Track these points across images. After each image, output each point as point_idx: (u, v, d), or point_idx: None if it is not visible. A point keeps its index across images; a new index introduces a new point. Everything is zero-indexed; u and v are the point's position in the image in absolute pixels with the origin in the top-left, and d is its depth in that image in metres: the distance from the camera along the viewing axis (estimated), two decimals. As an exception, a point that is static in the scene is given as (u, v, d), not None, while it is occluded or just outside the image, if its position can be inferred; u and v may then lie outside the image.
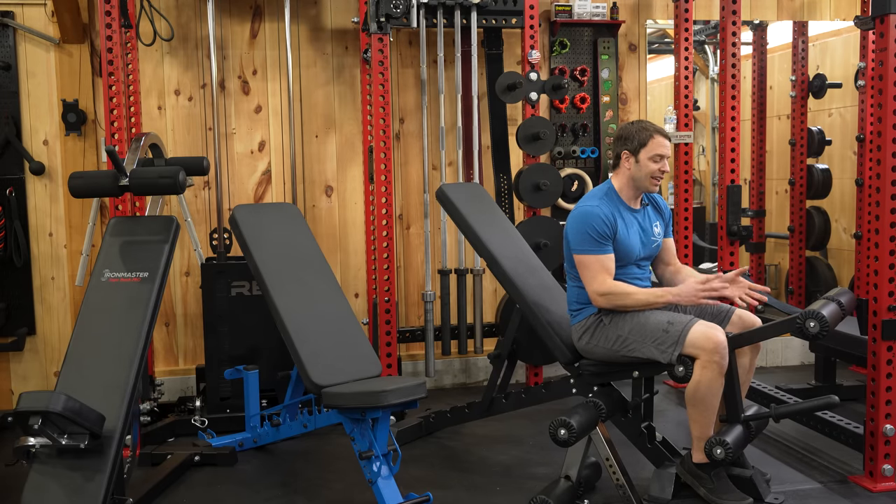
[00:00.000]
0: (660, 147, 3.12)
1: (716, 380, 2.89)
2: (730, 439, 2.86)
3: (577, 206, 3.19)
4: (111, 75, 3.75)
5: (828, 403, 2.94)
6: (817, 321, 2.78)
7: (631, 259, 3.15)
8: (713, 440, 2.88)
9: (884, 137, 3.06)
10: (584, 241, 3.06)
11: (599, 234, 3.04)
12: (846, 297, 2.94)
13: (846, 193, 5.43)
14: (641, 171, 3.14)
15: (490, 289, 4.81)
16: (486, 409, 3.69)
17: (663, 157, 3.14)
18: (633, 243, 3.14)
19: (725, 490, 2.93)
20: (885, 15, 3.01)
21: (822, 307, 2.82)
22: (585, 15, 4.73)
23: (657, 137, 3.13)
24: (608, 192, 3.18)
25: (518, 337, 3.67)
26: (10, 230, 4.27)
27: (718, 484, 2.94)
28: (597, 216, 3.06)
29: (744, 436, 2.96)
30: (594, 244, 3.05)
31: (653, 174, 3.13)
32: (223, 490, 3.37)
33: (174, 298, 4.54)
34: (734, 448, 2.86)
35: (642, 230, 3.19)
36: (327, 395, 3.00)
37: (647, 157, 3.12)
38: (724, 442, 2.85)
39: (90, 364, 2.71)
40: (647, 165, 3.12)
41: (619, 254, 3.12)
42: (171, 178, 3.03)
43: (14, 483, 2.74)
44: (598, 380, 3.16)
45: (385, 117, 4.03)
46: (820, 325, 2.78)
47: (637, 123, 3.20)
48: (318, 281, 3.48)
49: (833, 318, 2.81)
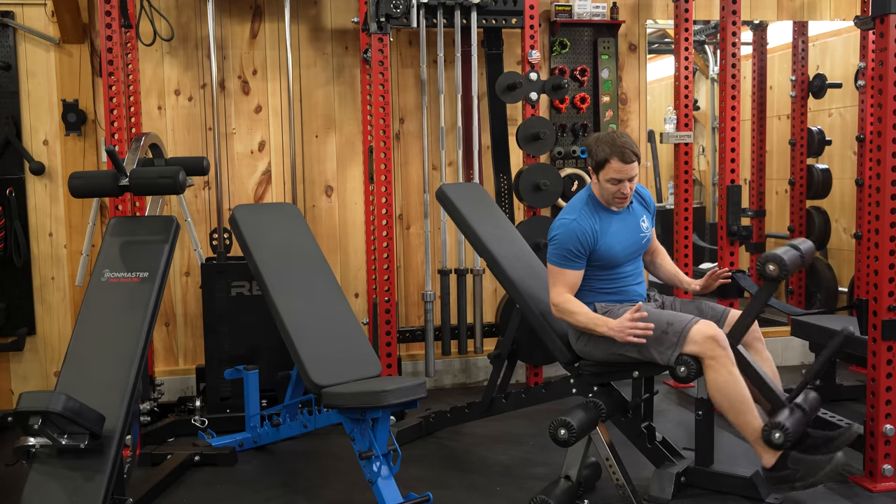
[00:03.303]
0: (616, 172, 3.02)
1: (730, 373, 2.87)
2: (782, 420, 2.83)
3: (560, 216, 3.17)
4: (111, 75, 3.75)
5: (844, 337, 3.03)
6: (776, 263, 2.88)
7: (618, 262, 3.16)
8: (767, 427, 2.84)
9: (884, 137, 3.05)
10: (556, 253, 3.10)
11: (572, 252, 3.07)
12: (805, 245, 3.04)
13: (846, 193, 5.43)
14: (602, 190, 3.10)
15: (490, 289, 4.81)
16: (486, 409, 3.69)
17: (621, 180, 3.04)
18: (617, 247, 3.14)
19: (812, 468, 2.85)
20: (885, 15, 3.01)
21: (782, 252, 2.92)
22: (585, 15, 4.73)
23: (613, 161, 3.00)
24: (588, 200, 3.16)
25: (518, 337, 3.67)
26: (10, 230, 4.27)
27: (803, 468, 2.86)
28: (573, 235, 3.06)
29: (798, 416, 2.91)
30: (564, 259, 3.08)
31: (614, 194, 3.07)
32: (223, 490, 3.37)
33: (174, 298, 4.54)
34: (792, 428, 2.81)
35: (627, 229, 3.18)
36: (327, 395, 3.00)
37: (604, 179, 3.06)
38: (777, 424, 2.82)
39: (90, 364, 2.71)
40: (605, 186, 3.07)
41: (605, 261, 3.13)
42: (171, 178, 3.03)
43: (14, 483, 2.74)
44: (598, 380, 3.17)
45: (385, 117, 4.03)
46: (779, 267, 2.88)
47: (601, 138, 3.06)
48: (318, 281, 3.48)
49: (792, 262, 2.90)
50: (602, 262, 3.13)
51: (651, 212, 3.33)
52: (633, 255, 3.23)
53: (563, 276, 3.10)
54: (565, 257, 3.08)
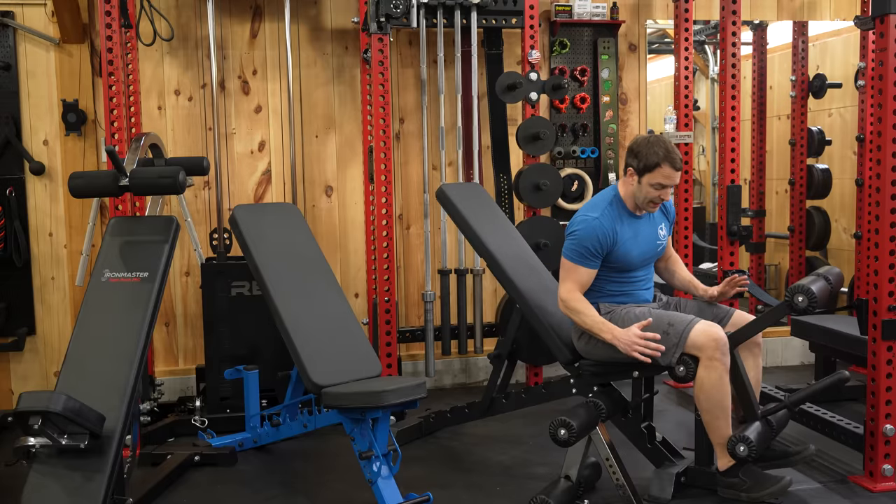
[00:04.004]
0: (665, 178, 3.03)
1: (721, 378, 2.88)
2: (750, 434, 2.84)
3: (583, 211, 3.15)
4: (111, 75, 3.75)
5: (839, 380, 2.95)
6: (805, 295, 2.82)
7: (632, 266, 3.15)
8: (734, 438, 2.85)
9: (884, 137, 3.05)
10: (573, 249, 3.08)
11: (589, 250, 3.05)
12: (833, 274, 2.98)
13: (846, 193, 5.43)
14: (641, 192, 3.09)
15: (490, 289, 4.81)
16: (486, 409, 3.69)
17: (665, 186, 3.05)
18: (633, 252, 3.12)
19: (762, 483, 2.89)
20: (885, 15, 3.01)
21: (810, 283, 2.86)
22: (585, 15, 4.73)
23: (665, 167, 3.02)
24: (613, 201, 3.14)
25: (518, 337, 3.67)
26: (10, 230, 4.27)
27: (752, 481, 2.91)
28: (594, 233, 3.04)
29: (765, 431, 2.93)
30: (580, 256, 3.06)
31: (652, 199, 3.08)
32: (223, 490, 3.37)
33: (174, 298, 4.53)
34: (757, 443, 2.83)
35: (646, 236, 3.17)
36: (327, 396, 3.00)
37: (648, 183, 3.05)
38: (745, 438, 2.83)
39: (90, 364, 2.70)
40: (647, 190, 3.06)
41: (620, 263, 3.11)
42: (171, 178, 3.03)
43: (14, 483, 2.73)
44: (598, 380, 3.17)
45: (385, 117, 4.03)
46: (808, 298, 2.82)
47: (653, 141, 3.07)
48: (318, 281, 3.48)
49: (821, 293, 2.84)
50: (616, 266, 3.12)
51: (670, 220, 3.31)
52: (648, 261, 3.22)
53: (577, 273, 3.08)
54: (582, 254, 3.05)
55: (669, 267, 3.43)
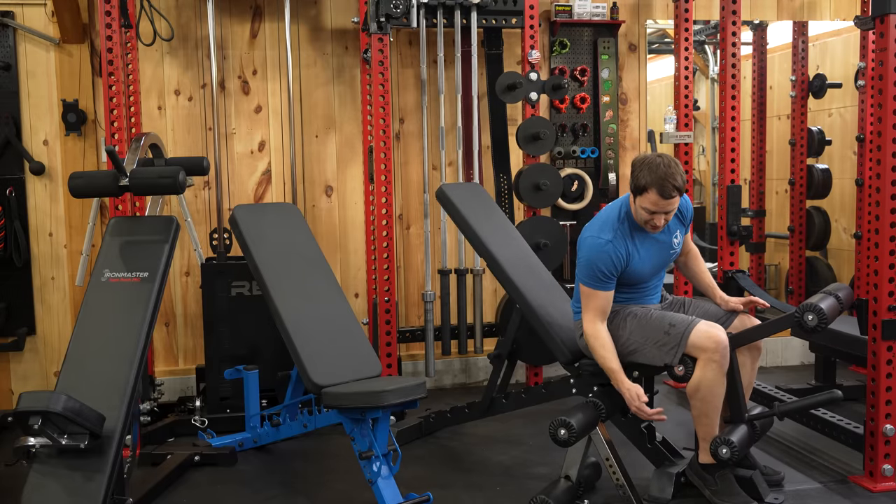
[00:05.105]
0: (651, 204, 2.87)
1: (717, 379, 2.89)
2: (735, 439, 2.87)
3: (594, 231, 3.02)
4: (111, 75, 3.75)
5: (830, 398, 2.95)
6: (815, 314, 2.80)
7: (643, 280, 3.10)
8: (718, 440, 2.87)
9: (884, 137, 3.06)
10: (588, 273, 3.00)
11: (604, 273, 2.96)
12: (844, 291, 2.95)
13: (846, 193, 5.43)
14: (636, 212, 2.99)
15: (490, 289, 4.81)
16: (486, 409, 3.69)
17: (654, 213, 2.90)
18: (646, 269, 3.07)
19: (729, 492, 2.93)
20: (885, 15, 3.01)
21: (820, 300, 2.83)
22: (585, 15, 4.72)
23: (651, 193, 2.84)
24: (624, 218, 3.02)
25: (518, 337, 3.67)
26: (10, 230, 4.27)
27: (722, 485, 2.94)
28: (607, 257, 2.95)
29: (749, 435, 2.96)
30: (596, 280, 2.98)
31: (646, 221, 2.95)
32: (223, 490, 3.37)
33: (174, 298, 4.53)
34: (739, 447, 2.86)
35: (659, 249, 3.09)
36: (327, 396, 3.00)
37: (640, 205, 2.93)
38: (729, 441, 2.85)
39: (90, 364, 2.71)
40: (640, 212, 2.95)
41: (631, 278, 3.06)
42: (171, 178, 3.03)
43: (14, 483, 2.74)
44: (597, 380, 3.16)
45: (385, 117, 4.03)
46: (818, 317, 2.79)
47: (646, 162, 2.88)
48: (318, 281, 3.48)
49: (831, 311, 2.82)
50: (627, 280, 3.07)
51: (686, 223, 3.19)
52: (659, 271, 3.17)
53: (595, 300, 2.98)
54: (597, 278, 2.97)
55: (689, 263, 3.34)
